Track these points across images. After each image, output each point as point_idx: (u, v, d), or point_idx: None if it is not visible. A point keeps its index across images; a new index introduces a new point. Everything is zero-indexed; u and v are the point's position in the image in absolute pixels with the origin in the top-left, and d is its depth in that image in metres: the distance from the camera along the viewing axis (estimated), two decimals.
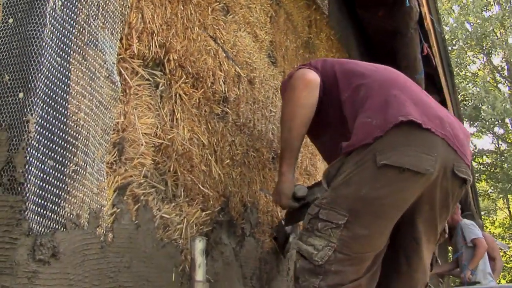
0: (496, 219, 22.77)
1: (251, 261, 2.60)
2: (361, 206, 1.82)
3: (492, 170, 21.16)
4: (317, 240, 1.83)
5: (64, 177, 1.42)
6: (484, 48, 21.49)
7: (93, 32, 1.57)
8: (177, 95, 2.09)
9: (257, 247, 2.69)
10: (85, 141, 1.52)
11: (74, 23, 1.50)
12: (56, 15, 1.43)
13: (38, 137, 1.34)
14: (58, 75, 1.43)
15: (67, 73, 1.46)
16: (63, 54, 1.46)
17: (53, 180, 1.38)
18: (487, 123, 20.44)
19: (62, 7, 1.45)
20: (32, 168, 1.31)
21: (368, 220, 1.82)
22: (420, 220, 1.97)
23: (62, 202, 1.40)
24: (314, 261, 1.82)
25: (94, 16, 1.59)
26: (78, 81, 1.51)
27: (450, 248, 7.91)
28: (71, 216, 1.44)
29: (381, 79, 2.05)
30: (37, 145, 1.34)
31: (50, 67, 1.40)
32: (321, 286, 1.80)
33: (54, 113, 1.41)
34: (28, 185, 1.30)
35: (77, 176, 1.47)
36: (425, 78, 4.65)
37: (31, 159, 1.31)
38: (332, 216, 1.83)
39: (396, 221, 1.90)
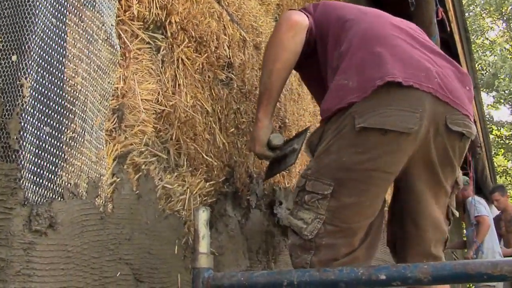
0: None
1: (257, 234, 2.61)
2: (345, 174, 1.80)
3: (510, 143, 20.99)
4: (305, 213, 1.82)
5: (61, 145, 1.41)
6: (503, 14, 21.19)
7: None
8: (179, 60, 2.07)
9: (263, 220, 2.70)
10: (83, 107, 1.50)
11: None
12: None
13: (33, 102, 1.32)
14: (54, 37, 1.41)
15: (63, 35, 1.44)
16: (59, 15, 1.44)
17: (49, 148, 1.37)
18: (504, 93, 20.24)
19: None
20: (27, 135, 1.30)
21: (354, 188, 1.80)
22: (419, 182, 1.94)
23: (59, 170, 1.40)
24: (304, 235, 1.81)
25: None
26: (75, 43, 1.49)
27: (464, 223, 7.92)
28: (69, 185, 1.43)
29: (364, 31, 1.95)
30: (32, 110, 1.32)
31: (45, 28, 1.38)
32: (313, 262, 1.79)
33: (50, 77, 1.39)
34: (23, 153, 1.28)
35: (75, 144, 1.46)
36: (440, 44, 4.58)
37: (25, 125, 1.30)
38: (318, 187, 1.81)
39: (388, 186, 1.88)
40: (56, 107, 1.41)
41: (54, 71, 1.40)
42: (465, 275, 1.34)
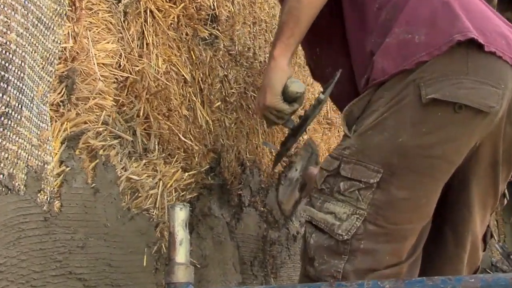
0: None
1: (251, 240, 2.62)
2: (400, 160, 1.79)
3: None
4: (338, 206, 1.81)
5: None
6: None
7: None
8: (148, 12, 2.06)
9: (260, 222, 2.69)
10: (19, 73, 1.47)
11: None
12: None
13: None
14: None
15: None
16: None
17: None
18: None
19: None
20: None
21: (410, 179, 1.79)
22: (475, 181, 1.94)
23: None
24: (336, 234, 1.79)
25: None
26: None
27: None
28: (1, 176, 1.41)
29: None
30: None
31: None
32: (347, 271, 1.78)
33: None
34: None
35: (9, 122, 1.43)
36: None
37: None
38: (360, 173, 1.79)
39: (445, 181, 1.86)
40: None
41: None
42: None
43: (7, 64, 1.44)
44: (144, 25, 2.04)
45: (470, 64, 1.78)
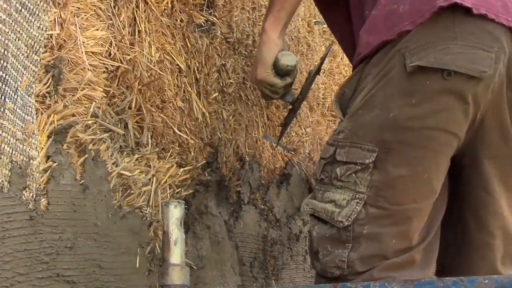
0: None
1: (251, 240, 2.62)
2: (394, 135, 1.79)
3: None
4: (338, 193, 1.82)
5: None
6: None
7: None
8: None
9: (260, 220, 2.69)
10: (1, 62, 1.47)
11: None
12: None
13: None
14: None
15: None
16: None
17: None
18: None
19: None
20: None
21: (407, 154, 1.80)
22: (489, 160, 1.92)
23: None
24: (337, 222, 1.79)
25: None
26: None
27: None
28: None
29: None
30: None
31: None
32: (352, 260, 1.78)
33: None
34: None
35: None
36: None
37: None
38: (355, 154, 1.80)
39: (450, 154, 1.86)
40: None
41: None
42: None
43: None
44: (136, 11, 2.04)
45: (458, 29, 1.77)
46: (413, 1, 1.81)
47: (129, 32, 2.00)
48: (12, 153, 1.50)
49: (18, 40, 1.54)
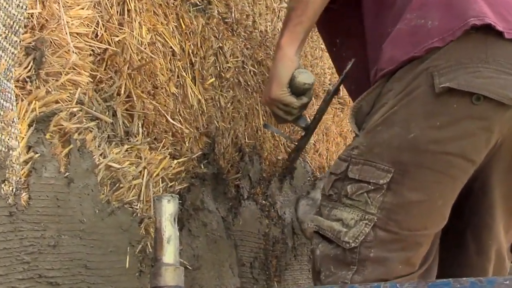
0: None
1: (251, 238, 2.62)
2: (413, 157, 1.82)
3: None
4: (346, 211, 1.85)
5: None
6: None
7: None
8: None
9: (261, 217, 2.70)
10: None
11: None
12: None
13: None
14: None
15: None
16: None
17: None
18: None
19: None
20: None
21: (424, 178, 1.83)
22: (497, 185, 1.96)
23: None
24: (343, 242, 1.82)
25: None
26: None
27: None
28: None
29: None
30: None
31: None
32: (355, 283, 1.79)
33: None
34: None
35: None
36: None
37: None
38: (369, 173, 1.83)
39: (464, 183, 1.88)
40: None
41: None
42: None
43: None
44: None
45: (490, 51, 1.80)
46: (442, 17, 1.83)
47: (117, 12, 1.99)
48: None
49: None
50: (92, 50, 1.89)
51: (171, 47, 2.21)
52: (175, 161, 2.17)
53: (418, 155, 1.81)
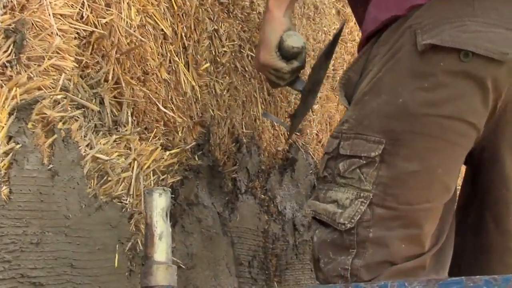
0: None
1: (249, 235, 2.62)
2: (403, 124, 1.81)
3: None
4: (340, 191, 1.84)
5: None
6: None
7: None
8: None
9: (260, 213, 2.70)
10: None
11: None
12: None
13: None
14: None
15: None
16: None
17: None
18: None
19: None
20: None
21: (418, 145, 1.81)
22: (508, 151, 1.94)
23: None
24: (338, 224, 1.82)
25: None
26: None
27: None
28: None
29: None
30: None
31: None
32: (356, 267, 1.79)
33: None
34: None
35: None
36: None
37: None
38: (360, 147, 1.82)
39: (468, 148, 1.88)
40: None
41: None
42: None
43: None
44: None
45: (477, 3, 1.78)
46: None
47: None
48: None
49: None
50: (77, 33, 1.89)
51: (162, 30, 2.20)
52: (167, 153, 2.17)
53: (409, 121, 1.80)
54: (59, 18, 1.82)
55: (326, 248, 1.84)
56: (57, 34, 1.79)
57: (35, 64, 1.74)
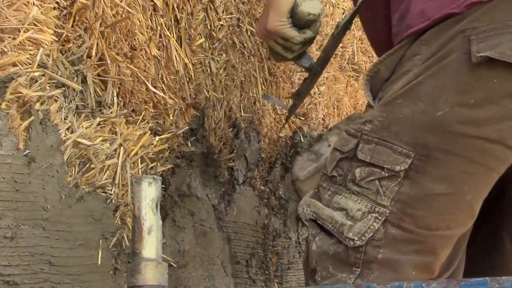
0: None
1: (247, 231, 2.63)
2: (439, 140, 1.80)
3: None
4: (352, 200, 1.83)
5: None
6: None
7: None
8: None
9: (259, 206, 2.71)
10: None
11: None
12: None
13: None
14: None
15: None
16: None
17: None
18: None
19: None
20: None
21: (451, 167, 1.80)
22: None
23: None
24: (346, 239, 1.80)
25: None
26: None
27: None
28: None
29: None
30: None
31: None
32: None
33: None
34: None
35: None
36: None
37: None
38: (383, 156, 1.81)
39: (501, 173, 1.87)
40: None
41: None
42: None
43: None
44: None
45: None
46: None
47: None
48: None
49: None
50: (57, 3, 1.88)
51: (152, 0, 2.20)
52: (157, 138, 2.17)
53: (446, 139, 1.79)
54: None
55: (326, 260, 1.83)
56: (33, 4, 1.79)
57: (9, 37, 1.74)
